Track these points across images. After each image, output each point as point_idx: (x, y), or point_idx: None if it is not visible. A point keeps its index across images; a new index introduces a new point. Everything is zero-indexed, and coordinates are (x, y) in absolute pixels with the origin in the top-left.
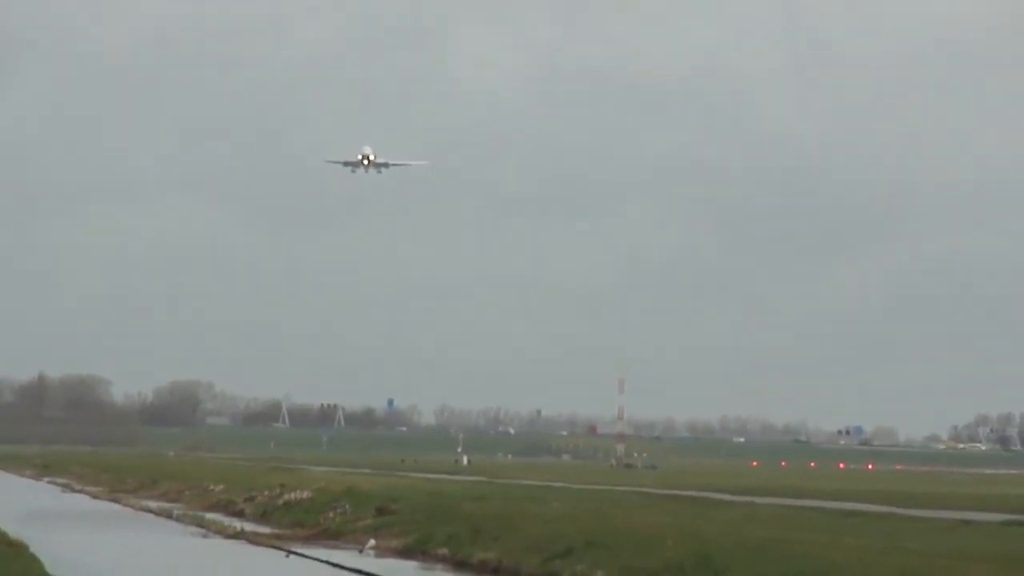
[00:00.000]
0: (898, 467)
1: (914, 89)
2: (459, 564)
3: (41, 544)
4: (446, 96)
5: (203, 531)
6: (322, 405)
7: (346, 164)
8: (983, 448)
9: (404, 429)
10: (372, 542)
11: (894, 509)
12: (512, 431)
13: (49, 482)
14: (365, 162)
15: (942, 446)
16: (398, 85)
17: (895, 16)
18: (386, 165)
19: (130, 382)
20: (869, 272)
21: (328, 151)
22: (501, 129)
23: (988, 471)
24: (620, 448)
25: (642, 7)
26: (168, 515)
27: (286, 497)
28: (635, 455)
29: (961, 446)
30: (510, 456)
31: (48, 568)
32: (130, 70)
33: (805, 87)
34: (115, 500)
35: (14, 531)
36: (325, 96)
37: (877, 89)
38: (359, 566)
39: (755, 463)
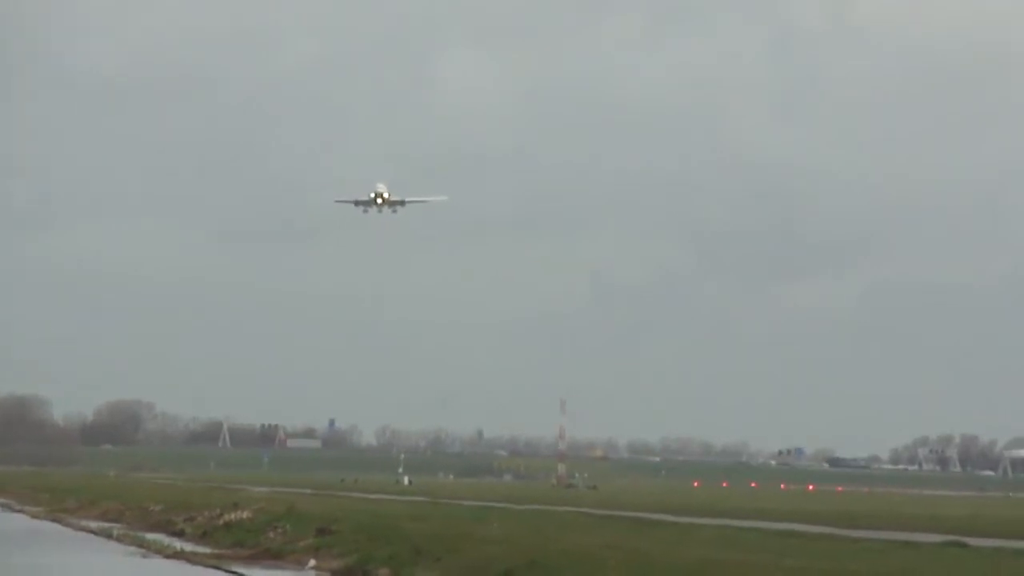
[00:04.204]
0: (838, 488)
1: (885, 112)
2: None
3: None
4: (422, 118)
5: (143, 551)
6: (263, 425)
7: (357, 203)
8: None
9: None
10: (312, 562)
11: (835, 530)
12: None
13: None
14: (379, 200)
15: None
16: (374, 106)
17: (871, 40)
18: (402, 203)
19: (70, 402)
20: (812, 296)
21: (302, 173)
22: (474, 150)
23: (927, 492)
24: (561, 468)
25: (618, 29)
26: (108, 535)
27: (226, 517)
28: (576, 475)
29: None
30: (452, 476)
31: None
32: (100, 91)
33: (777, 109)
34: (55, 520)
35: None
36: (300, 117)
37: (849, 112)
38: None
39: (696, 483)
